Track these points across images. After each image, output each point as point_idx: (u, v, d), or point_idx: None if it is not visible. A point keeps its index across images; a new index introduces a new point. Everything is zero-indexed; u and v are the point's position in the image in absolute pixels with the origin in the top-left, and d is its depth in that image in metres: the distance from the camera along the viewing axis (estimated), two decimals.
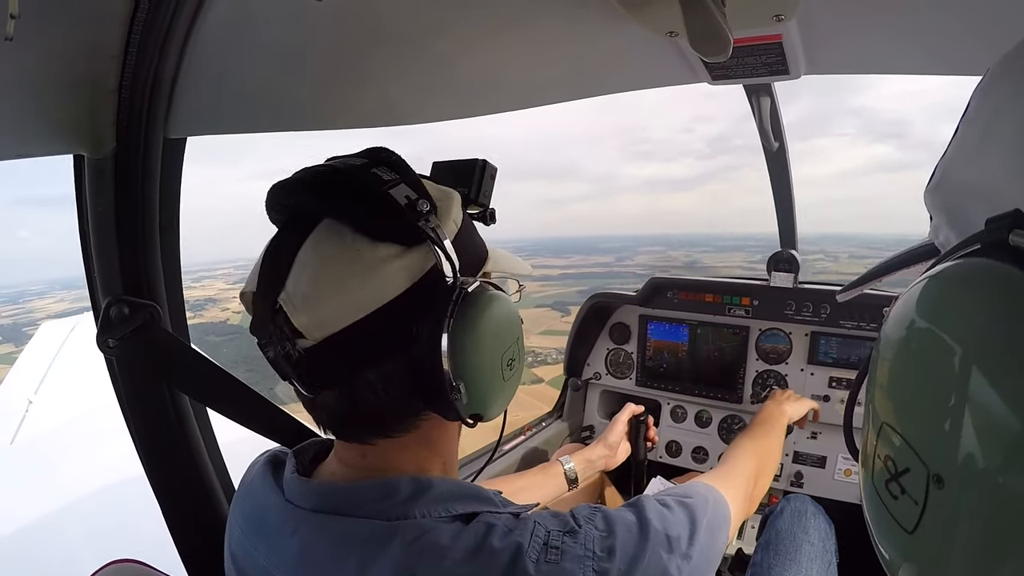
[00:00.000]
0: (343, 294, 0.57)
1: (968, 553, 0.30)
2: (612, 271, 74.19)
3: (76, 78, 0.69)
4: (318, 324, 0.57)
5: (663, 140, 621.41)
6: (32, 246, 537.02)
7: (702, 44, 0.83)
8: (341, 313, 0.57)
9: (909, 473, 0.33)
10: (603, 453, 1.51)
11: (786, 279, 1.87)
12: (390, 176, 0.60)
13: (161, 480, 0.95)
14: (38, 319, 50.17)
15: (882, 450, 0.36)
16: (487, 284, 0.64)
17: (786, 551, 1.34)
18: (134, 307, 0.80)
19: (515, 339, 0.66)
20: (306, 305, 0.57)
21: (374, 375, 0.60)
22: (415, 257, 0.59)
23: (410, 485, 0.62)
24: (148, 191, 0.84)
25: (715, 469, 1.05)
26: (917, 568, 0.34)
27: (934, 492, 0.31)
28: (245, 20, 0.74)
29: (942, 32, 0.98)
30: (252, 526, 0.69)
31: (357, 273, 0.57)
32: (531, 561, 0.57)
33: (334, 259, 0.58)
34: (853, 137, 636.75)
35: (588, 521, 0.64)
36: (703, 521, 0.72)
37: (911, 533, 0.33)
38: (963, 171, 0.42)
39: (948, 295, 0.35)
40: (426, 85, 1.09)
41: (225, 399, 0.87)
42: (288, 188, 0.62)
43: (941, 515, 0.31)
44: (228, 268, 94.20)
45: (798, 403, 1.50)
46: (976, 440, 0.29)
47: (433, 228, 0.59)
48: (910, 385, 0.35)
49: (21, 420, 3.05)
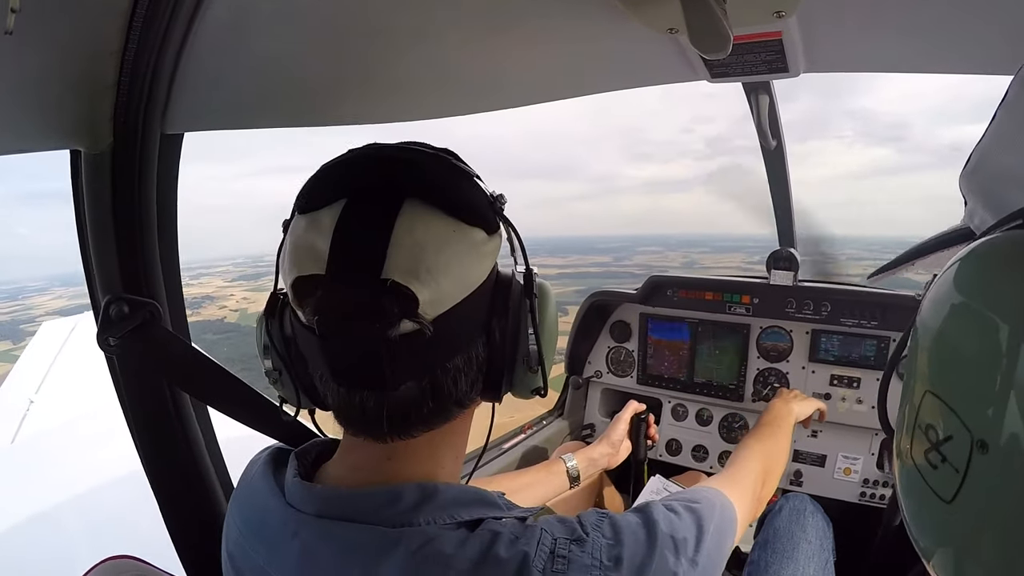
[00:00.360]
0: (458, 269, 0.57)
1: (1009, 520, 0.30)
2: (609, 271, 74.24)
3: (74, 73, 0.68)
4: (439, 299, 0.55)
5: (662, 141, 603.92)
6: (32, 243, 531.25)
7: (702, 41, 0.82)
8: (456, 289, 0.57)
9: (951, 441, 0.33)
10: (606, 451, 1.50)
11: (786, 277, 1.87)
12: (463, 164, 0.64)
13: (160, 478, 0.95)
14: (36, 316, 50.03)
15: (924, 419, 0.36)
16: (532, 272, 0.67)
17: (784, 549, 1.34)
18: (134, 305, 0.80)
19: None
20: (430, 277, 0.54)
21: (462, 361, 0.61)
22: (495, 245, 0.63)
23: (415, 492, 0.61)
24: (145, 187, 0.83)
25: (722, 472, 1.04)
26: (953, 539, 0.35)
27: (977, 458, 0.31)
28: (244, 17, 0.74)
29: (942, 30, 0.98)
30: (251, 528, 0.69)
31: (464, 252, 0.57)
32: (537, 571, 0.56)
33: (443, 235, 0.56)
34: (851, 140, 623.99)
35: (595, 529, 0.63)
36: (710, 526, 0.72)
37: (949, 503, 0.33)
38: (1001, 156, 0.43)
39: (991, 266, 0.36)
40: (427, 82, 1.09)
41: (225, 397, 0.87)
42: (361, 164, 0.60)
43: (983, 482, 0.31)
44: (227, 265, 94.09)
45: (805, 402, 1.50)
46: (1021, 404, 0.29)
47: (507, 220, 0.64)
48: (956, 353, 0.36)
49: (22, 419, 3.05)
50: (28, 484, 2.39)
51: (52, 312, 54.89)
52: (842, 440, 1.85)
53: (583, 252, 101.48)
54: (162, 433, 0.93)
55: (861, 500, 1.79)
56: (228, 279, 76.20)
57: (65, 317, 4.31)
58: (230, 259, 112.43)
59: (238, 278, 74.26)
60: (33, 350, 3.93)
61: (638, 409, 1.63)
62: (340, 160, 0.61)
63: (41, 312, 56.73)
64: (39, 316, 53.85)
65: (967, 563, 0.34)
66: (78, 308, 4.26)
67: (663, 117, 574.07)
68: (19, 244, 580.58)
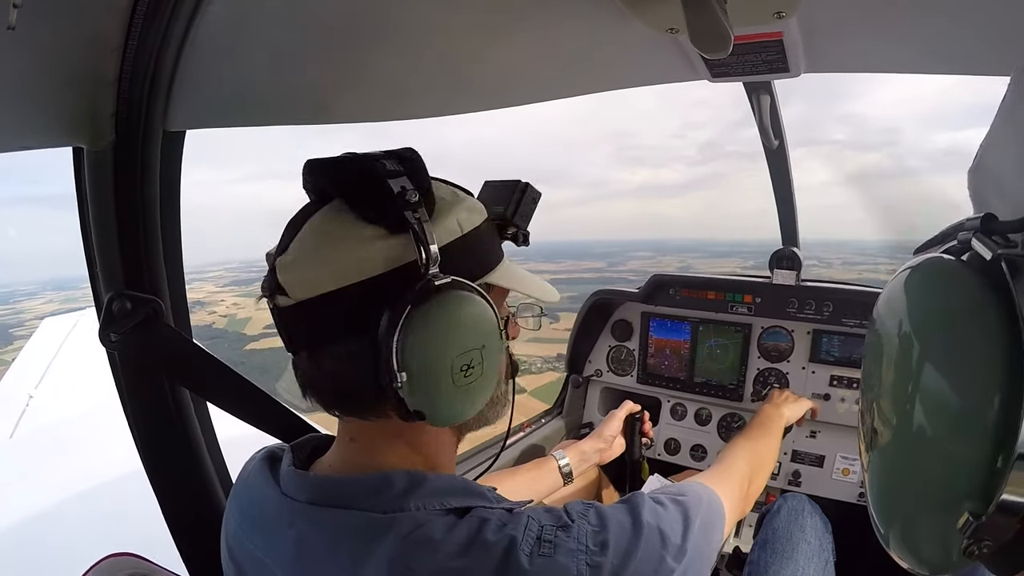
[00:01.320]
0: (327, 261, 0.61)
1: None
2: (603, 276, 74.24)
3: (76, 70, 0.68)
4: (300, 284, 0.62)
5: (654, 146, 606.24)
6: (23, 246, 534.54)
7: (703, 41, 0.83)
8: (322, 278, 0.61)
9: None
10: (597, 446, 1.51)
11: (788, 276, 1.87)
12: (395, 168, 0.63)
13: (160, 474, 0.95)
14: (27, 320, 50.11)
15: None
16: (462, 284, 0.62)
17: (783, 550, 1.34)
18: (136, 302, 0.80)
19: (477, 346, 0.63)
20: (293, 266, 0.62)
21: (342, 348, 0.62)
22: (396, 243, 0.61)
23: (404, 479, 0.62)
24: (147, 184, 0.84)
25: (710, 468, 1.06)
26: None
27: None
28: (246, 13, 0.74)
29: (942, 31, 0.98)
30: (249, 519, 0.70)
31: (343, 246, 0.61)
32: (524, 554, 0.57)
33: (329, 231, 0.63)
34: (844, 145, 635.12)
35: (581, 516, 0.64)
36: (697, 518, 0.72)
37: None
38: (994, 158, 0.44)
39: (908, 285, 0.46)
40: (426, 81, 1.09)
41: (226, 394, 0.87)
42: (311, 169, 0.66)
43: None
44: (219, 271, 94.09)
45: (796, 404, 1.51)
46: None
47: (418, 219, 0.60)
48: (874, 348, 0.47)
49: (20, 415, 3.06)
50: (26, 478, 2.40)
51: (41, 316, 54.63)
52: (841, 441, 1.85)
53: (577, 257, 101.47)
54: (162, 429, 0.93)
55: (859, 500, 1.79)
56: (220, 284, 76.17)
57: (66, 315, 4.32)
58: (223, 264, 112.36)
59: (230, 283, 74.06)
60: (33, 346, 3.94)
61: (633, 409, 1.63)
62: (310, 164, 0.67)
63: (31, 316, 56.66)
64: (30, 320, 53.92)
65: None
66: (68, 312, 4.26)
67: (655, 122, 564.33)
68: (12, 247, 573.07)
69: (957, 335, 0.40)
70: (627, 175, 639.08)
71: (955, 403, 0.39)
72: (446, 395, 0.61)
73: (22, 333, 8.32)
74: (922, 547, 0.45)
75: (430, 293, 0.60)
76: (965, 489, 0.37)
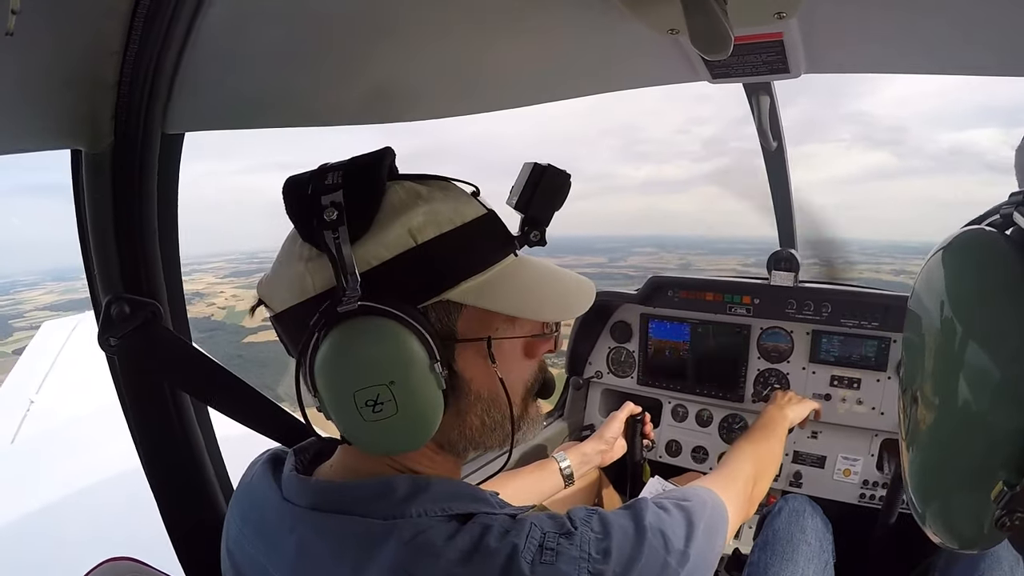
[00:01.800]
0: (280, 280, 0.64)
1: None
2: (604, 272, 73.89)
3: (75, 73, 0.68)
4: (268, 299, 0.66)
5: (659, 141, 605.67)
6: (25, 234, 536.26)
7: (703, 42, 0.82)
8: (276, 296, 0.64)
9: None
10: (599, 447, 1.50)
11: (787, 278, 1.87)
12: (333, 181, 0.60)
13: (160, 478, 0.95)
14: (26, 311, 49.92)
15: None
16: (377, 310, 0.57)
17: (783, 551, 1.34)
18: (135, 305, 0.80)
19: (384, 381, 0.57)
20: (266, 280, 0.66)
21: (305, 367, 0.62)
22: (321, 264, 0.59)
23: (407, 484, 0.62)
24: (146, 187, 0.83)
25: (713, 472, 1.05)
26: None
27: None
28: (247, 16, 0.74)
29: (943, 32, 0.98)
30: (250, 524, 0.70)
31: (287, 266, 0.63)
32: (527, 562, 0.56)
33: (285, 249, 0.65)
34: (849, 143, 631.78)
35: (584, 523, 0.63)
36: (700, 524, 0.72)
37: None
38: None
39: (951, 258, 0.46)
40: (427, 82, 1.09)
41: (226, 398, 0.87)
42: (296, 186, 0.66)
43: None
44: (220, 262, 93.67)
45: (799, 406, 1.51)
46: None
47: (336, 239, 0.57)
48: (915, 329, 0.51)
49: (22, 419, 3.05)
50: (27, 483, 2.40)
51: (41, 307, 54.66)
52: (842, 441, 1.85)
53: (579, 252, 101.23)
54: (162, 433, 0.93)
55: (860, 501, 1.79)
56: (220, 276, 75.71)
57: (53, 312, 4.31)
58: (224, 255, 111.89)
59: (230, 275, 73.51)
60: (33, 350, 3.94)
61: (634, 411, 1.63)
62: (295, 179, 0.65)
63: (30, 307, 56.44)
64: (28, 311, 53.72)
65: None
66: (66, 303, 4.27)
67: (660, 117, 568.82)
68: (14, 236, 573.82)
69: (997, 305, 0.40)
70: (631, 170, 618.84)
71: (995, 373, 0.40)
72: (360, 429, 0.59)
73: (22, 324, 8.35)
74: (956, 521, 0.47)
75: (335, 321, 0.57)
76: (1001, 459, 0.38)
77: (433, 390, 0.59)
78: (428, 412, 0.60)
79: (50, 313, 6.87)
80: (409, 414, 0.58)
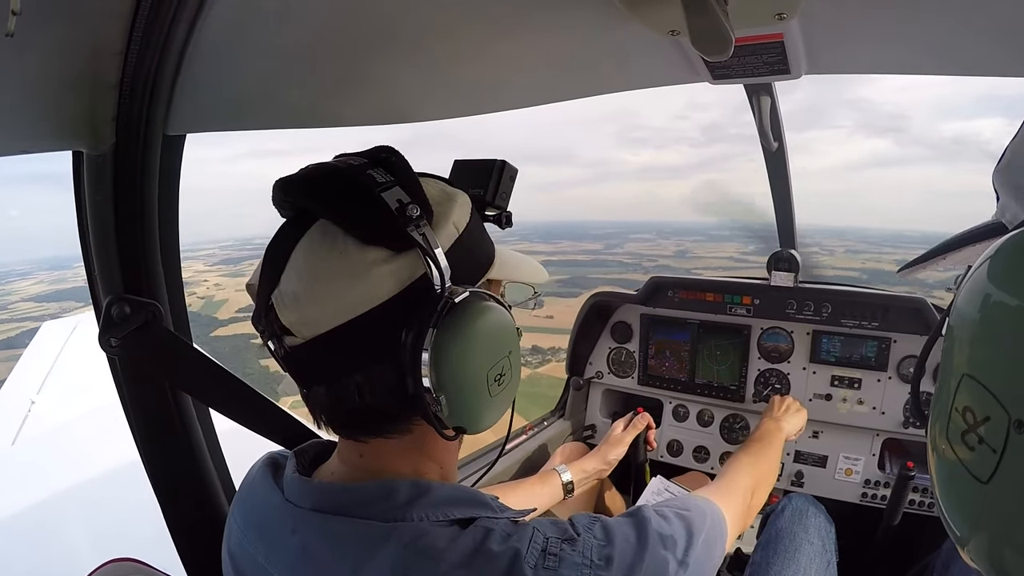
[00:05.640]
0: (332, 296, 0.58)
1: None
2: (598, 259, 72.96)
3: (77, 75, 0.68)
4: (306, 323, 0.59)
5: (658, 127, 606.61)
6: (22, 224, 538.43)
7: (703, 43, 0.82)
8: (329, 314, 0.58)
9: (989, 422, 0.34)
10: (599, 467, 1.51)
11: (787, 279, 1.87)
12: (385, 178, 0.59)
13: (161, 479, 0.95)
14: (13, 302, 49.66)
15: (961, 403, 0.38)
16: (480, 294, 0.61)
17: (785, 550, 1.34)
18: (135, 306, 0.80)
19: (505, 353, 0.63)
20: (296, 304, 0.59)
21: (361, 377, 0.60)
22: (404, 263, 0.58)
23: (409, 488, 0.62)
24: (147, 188, 0.83)
25: (713, 483, 1.06)
26: (989, 521, 0.36)
27: (1015, 437, 0.32)
28: (248, 18, 0.74)
29: (944, 32, 0.98)
30: (251, 526, 0.70)
31: (346, 275, 0.57)
32: (529, 567, 0.57)
33: (325, 260, 0.58)
34: (850, 130, 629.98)
35: (587, 530, 0.64)
36: (701, 533, 0.73)
37: (986, 483, 0.34)
38: (1020, 158, 0.44)
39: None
40: (427, 84, 1.09)
41: (227, 399, 0.87)
42: (288, 186, 0.62)
43: (1021, 460, 0.32)
44: (212, 248, 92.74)
45: (796, 416, 1.52)
46: None
47: (423, 234, 0.57)
48: (993, 340, 0.37)
49: (22, 421, 3.05)
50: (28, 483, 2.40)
51: (28, 298, 54.27)
52: (843, 441, 1.85)
53: (575, 238, 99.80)
54: (163, 434, 0.93)
55: (862, 501, 1.79)
56: (210, 263, 74.70)
57: (38, 304, 4.32)
58: (217, 242, 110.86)
59: (220, 262, 72.63)
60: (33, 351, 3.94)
61: (639, 429, 1.61)
62: (284, 180, 0.63)
63: (17, 298, 56.08)
64: (16, 302, 53.39)
65: (1004, 546, 0.35)
66: (54, 293, 4.27)
67: (658, 103, 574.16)
68: (11, 225, 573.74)
69: None
70: (629, 156, 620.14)
71: None
72: (484, 407, 0.62)
73: (4, 316, 8.21)
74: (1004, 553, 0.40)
75: (451, 310, 0.58)
76: None
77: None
78: (519, 371, 0.68)
79: (35, 305, 6.89)
80: (517, 377, 0.66)
